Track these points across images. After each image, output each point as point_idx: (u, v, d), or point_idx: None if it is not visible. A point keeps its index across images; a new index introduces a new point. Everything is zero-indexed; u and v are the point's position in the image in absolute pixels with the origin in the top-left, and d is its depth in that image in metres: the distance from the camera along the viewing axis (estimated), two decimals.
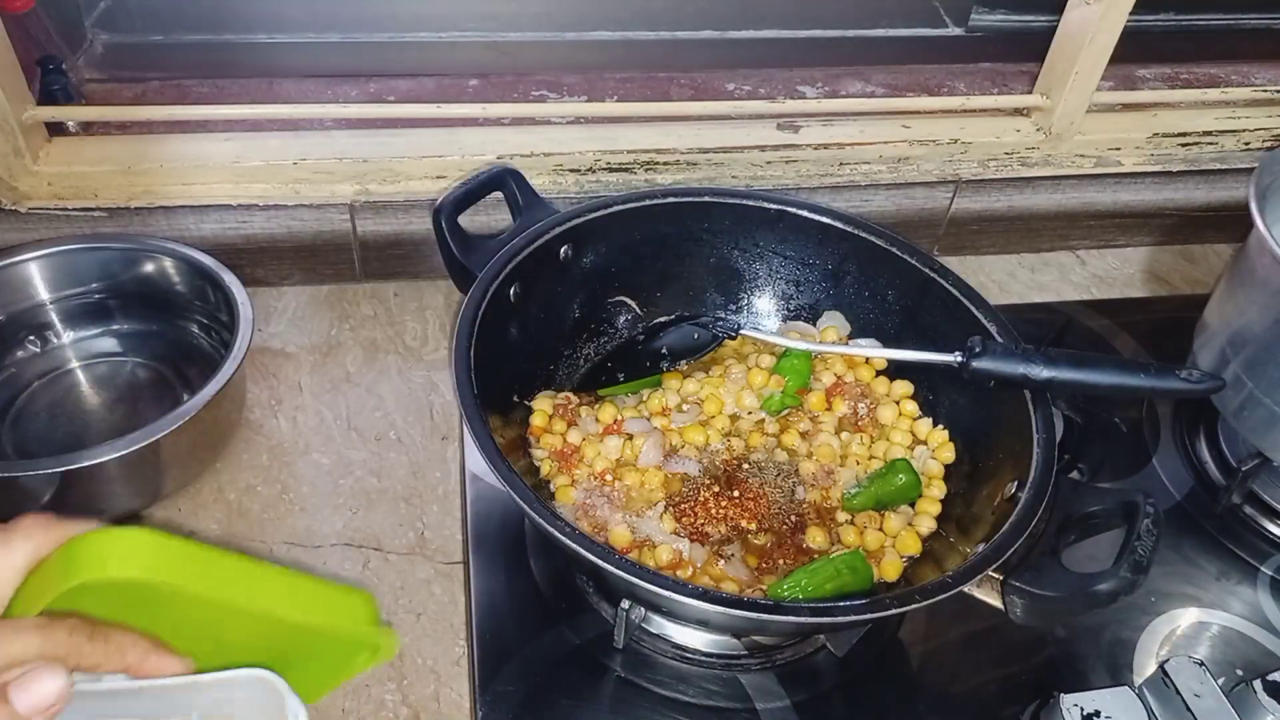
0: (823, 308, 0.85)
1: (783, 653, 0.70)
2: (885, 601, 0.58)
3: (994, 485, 0.69)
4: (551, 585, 0.72)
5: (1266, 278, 0.75)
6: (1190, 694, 0.62)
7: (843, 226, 0.81)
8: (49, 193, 0.85)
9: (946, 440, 0.77)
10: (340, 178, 0.89)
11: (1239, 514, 0.83)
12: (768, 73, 1.06)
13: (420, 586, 0.73)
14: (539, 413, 0.76)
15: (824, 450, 0.76)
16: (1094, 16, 0.90)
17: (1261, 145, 1.06)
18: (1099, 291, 1.06)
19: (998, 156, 1.00)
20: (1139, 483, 0.85)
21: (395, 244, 0.94)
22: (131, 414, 0.81)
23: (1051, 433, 0.67)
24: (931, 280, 0.78)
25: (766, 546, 0.71)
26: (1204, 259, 1.11)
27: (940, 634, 0.73)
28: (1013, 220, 1.06)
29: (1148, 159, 1.04)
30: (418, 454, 0.82)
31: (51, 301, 0.83)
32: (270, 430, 0.82)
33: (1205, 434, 0.88)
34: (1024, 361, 0.67)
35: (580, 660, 0.69)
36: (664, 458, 0.74)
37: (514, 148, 0.91)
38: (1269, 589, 0.78)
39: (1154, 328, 0.99)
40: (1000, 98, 1.01)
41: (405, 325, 0.93)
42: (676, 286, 0.85)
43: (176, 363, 0.84)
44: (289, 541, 0.75)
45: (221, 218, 0.89)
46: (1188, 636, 0.75)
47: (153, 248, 0.82)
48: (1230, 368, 0.78)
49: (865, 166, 0.98)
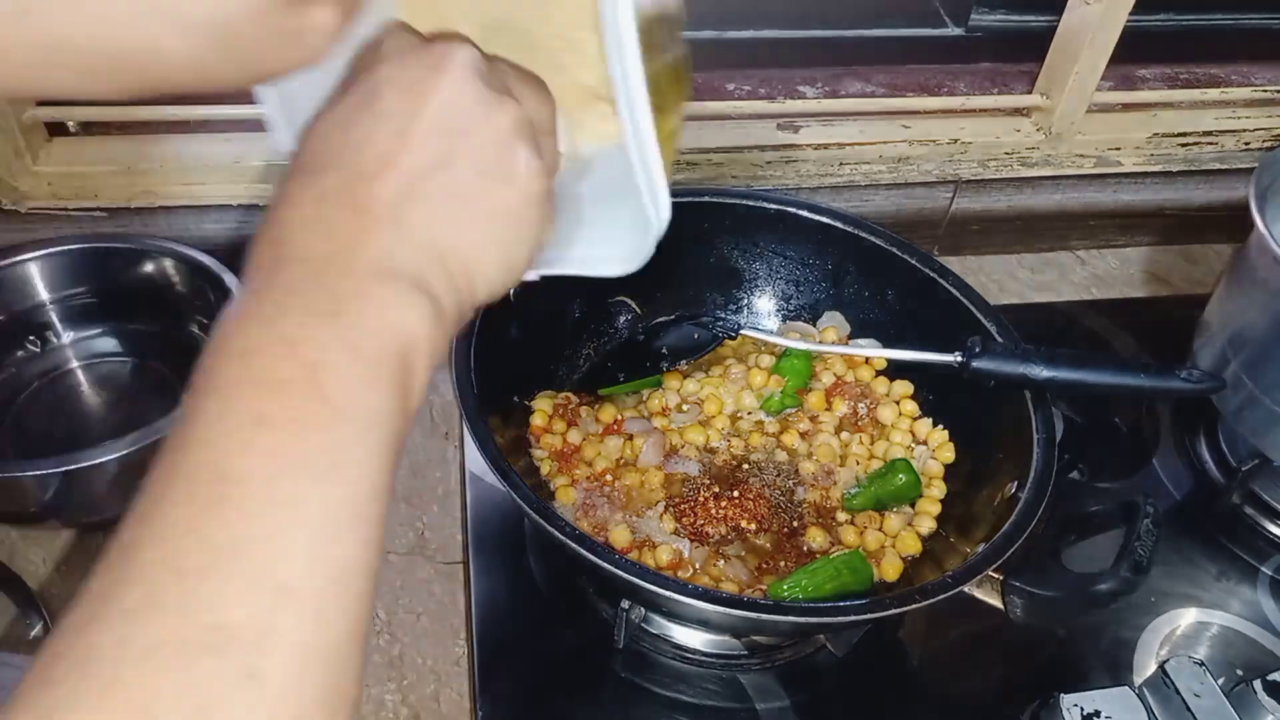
0: (823, 308, 0.85)
1: (783, 653, 0.70)
2: (885, 601, 0.59)
3: (994, 485, 0.69)
4: (551, 585, 0.72)
5: (1266, 278, 0.74)
6: (1190, 694, 0.62)
7: (843, 226, 0.81)
8: (49, 193, 0.85)
9: (946, 440, 0.77)
10: None
11: (1239, 514, 0.83)
12: (768, 73, 1.06)
13: (420, 586, 0.73)
14: (539, 413, 0.76)
15: (824, 450, 0.76)
16: (1094, 16, 0.90)
17: (1261, 145, 1.06)
18: (1099, 291, 1.06)
19: (998, 156, 1.00)
20: (1139, 483, 0.85)
21: None
22: (131, 414, 0.81)
23: (1051, 433, 0.67)
24: (931, 280, 0.78)
25: (766, 546, 0.71)
26: (1204, 259, 1.11)
27: (940, 634, 0.73)
28: (1013, 220, 1.06)
29: (1148, 159, 1.04)
30: (418, 454, 0.82)
31: (51, 301, 0.83)
32: None
33: (1205, 434, 0.88)
34: (1024, 361, 0.67)
35: (580, 660, 0.69)
36: (664, 458, 0.74)
37: None
38: (1269, 589, 0.78)
39: (1154, 328, 0.99)
40: (1000, 98, 1.01)
41: None
42: (676, 286, 0.85)
43: (176, 363, 0.84)
44: None
45: (221, 218, 0.88)
46: (1188, 636, 0.75)
47: (153, 248, 0.82)
48: (1230, 368, 0.78)
49: (865, 166, 0.98)
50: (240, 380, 0.31)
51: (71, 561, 0.72)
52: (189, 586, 0.27)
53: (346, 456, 0.31)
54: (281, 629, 0.28)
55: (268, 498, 0.29)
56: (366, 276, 0.34)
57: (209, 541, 0.28)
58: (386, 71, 0.36)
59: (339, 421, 0.31)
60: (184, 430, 0.30)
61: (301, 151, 0.37)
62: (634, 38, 0.38)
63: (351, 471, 0.31)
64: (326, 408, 0.31)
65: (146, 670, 0.26)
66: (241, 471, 0.29)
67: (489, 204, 0.37)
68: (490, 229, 0.38)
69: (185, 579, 0.28)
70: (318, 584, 0.29)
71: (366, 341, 0.33)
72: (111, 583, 0.28)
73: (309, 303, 0.33)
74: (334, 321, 0.32)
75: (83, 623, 0.27)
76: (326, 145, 0.36)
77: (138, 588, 0.28)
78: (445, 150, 0.36)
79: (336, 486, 0.31)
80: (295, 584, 0.29)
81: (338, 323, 0.32)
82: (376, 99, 0.36)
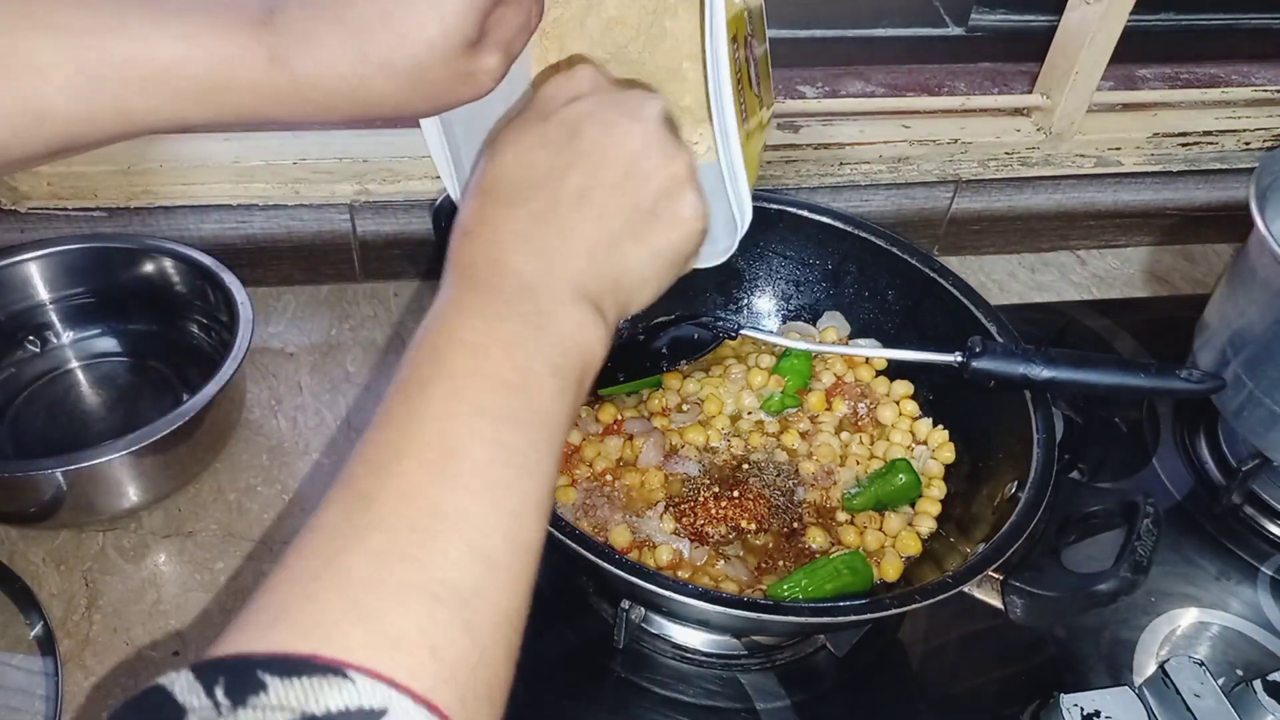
0: (823, 308, 0.85)
1: (783, 653, 0.70)
2: (885, 601, 0.58)
3: (994, 485, 0.69)
4: (551, 585, 0.72)
5: (1266, 278, 0.74)
6: (1190, 694, 0.62)
7: (843, 226, 0.81)
8: (49, 192, 0.85)
9: (946, 440, 0.77)
10: (340, 178, 0.89)
11: (1239, 514, 0.83)
12: None
13: None
14: None
15: (824, 450, 0.76)
16: (1094, 16, 0.90)
17: (1261, 145, 1.06)
18: (1099, 291, 1.06)
19: (998, 156, 1.00)
20: (1139, 483, 0.85)
21: (395, 244, 0.93)
22: (131, 414, 0.81)
23: (1051, 433, 0.67)
24: (931, 280, 0.78)
25: (766, 547, 0.71)
26: (1204, 259, 1.11)
27: (940, 634, 0.73)
28: (1013, 220, 1.06)
29: (1148, 159, 1.04)
30: None
31: (51, 301, 0.83)
32: (270, 430, 0.82)
33: (1205, 434, 0.88)
34: (1024, 361, 0.67)
35: (580, 660, 0.69)
36: (664, 458, 0.74)
37: None
38: (1269, 589, 0.78)
39: (1154, 328, 0.99)
40: (1000, 97, 1.01)
41: (405, 325, 0.93)
42: (676, 286, 0.84)
43: (176, 363, 0.84)
44: (289, 541, 0.74)
45: (221, 218, 0.89)
46: (1188, 636, 0.75)
47: (153, 248, 0.82)
48: (1230, 368, 0.78)
49: (865, 166, 0.98)
50: (468, 371, 0.37)
51: (71, 561, 0.72)
52: (421, 543, 0.32)
53: (540, 454, 0.37)
54: (488, 593, 0.33)
55: (484, 479, 0.35)
56: (565, 297, 0.40)
57: (438, 508, 0.33)
58: (588, 109, 0.43)
59: (539, 424, 0.37)
60: (416, 399, 0.36)
61: (501, 165, 0.43)
62: (728, 73, 0.45)
63: (543, 467, 0.37)
64: (532, 410, 0.37)
65: (394, 607, 0.31)
66: (465, 452, 0.35)
67: (658, 243, 0.44)
68: (655, 263, 0.44)
69: (419, 536, 0.32)
70: (513, 559, 0.34)
71: (562, 358, 0.39)
72: (359, 524, 0.33)
73: (523, 314, 0.39)
74: (540, 335, 0.39)
75: (334, 551, 0.32)
76: (532, 168, 0.42)
77: (382, 534, 0.32)
78: (631, 192, 0.42)
79: (532, 479, 0.36)
80: (499, 557, 0.34)
81: (542, 336, 0.39)
82: (579, 136, 0.42)
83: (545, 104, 0.44)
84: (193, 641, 0.69)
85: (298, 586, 0.31)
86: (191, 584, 0.72)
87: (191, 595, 0.71)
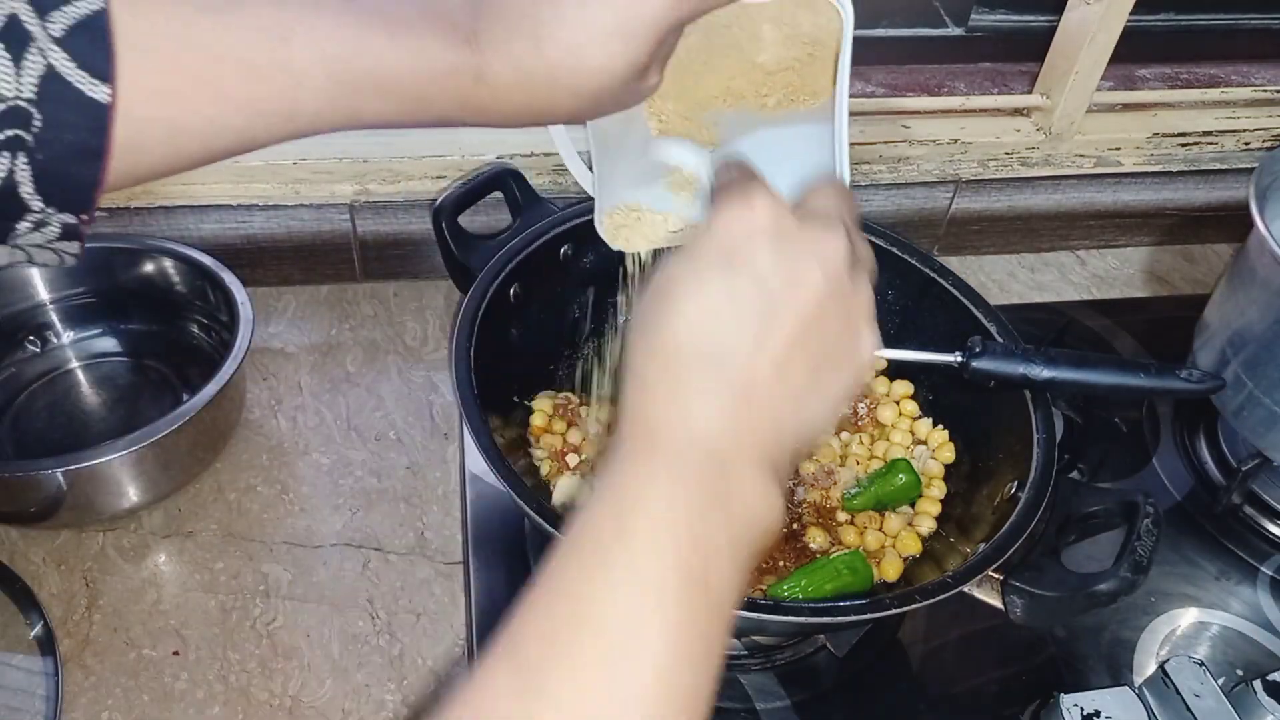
0: None
1: (783, 653, 0.70)
2: (885, 601, 0.58)
3: (994, 485, 0.69)
4: None
5: (1266, 278, 0.74)
6: (1190, 694, 0.62)
7: None
8: None
9: (946, 440, 0.77)
10: (340, 178, 0.89)
11: (1239, 514, 0.83)
12: None
13: (420, 586, 0.73)
14: (539, 413, 0.76)
15: (824, 450, 0.76)
16: (1094, 16, 0.90)
17: (1261, 145, 1.06)
18: (1099, 291, 1.06)
19: (998, 156, 1.00)
20: (1139, 483, 0.85)
21: (395, 244, 0.94)
22: (131, 414, 0.81)
23: (1051, 433, 0.67)
24: (931, 280, 0.78)
25: (766, 546, 0.70)
26: (1204, 259, 1.11)
27: (940, 634, 0.73)
28: (1013, 220, 1.06)
29: (1148, 159, 1.04)
30: (418, 454, 0.82)
31: (51, 301, 0.83)
32: (270, 430, 0.82)
33: (1205, 434, 0.88)
34: (1024, 361, 0.67)
35: None
36: None
37: (514, 148, 0.91)
38: (1269, 589, 0.78)
39: (1154, 328, 0.99)
40: (1000, 98, 1.01)
41: (405, 325, 0.93)
42: None
43: (176, 363, 0.84)
44: (289, 541, 0.75)
45: (221, 218, 0.89)
46: (1188, 636, 0.75)
47: (153, 247, 0.82)
48: (1230, 368, 0.78)
49: (865, 166, 0.98)
50: (651, 549, 0.35)
51: (71, 561, 0.72)
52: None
53: (712, 646, 0.36)
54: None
55: (657, 668, 0.34)
56: (751, 468, 0.39)
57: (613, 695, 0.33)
58: (771, 260, 0.40)
59: (714, 610, 0.36)
60: (594, 569, 0.35)
61: (685, 320, 0.40)
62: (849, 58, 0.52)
63: (712, 660, 0.36)
64: (709, 597, 0.36)
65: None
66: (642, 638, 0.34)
67: (835, 390, 0.43)
68: (832, 411, 0.43)
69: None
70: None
71: (741, 533, 0.38)
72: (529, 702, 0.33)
73: (711, 488, 0.37)
74: (725, 509, 0.37)
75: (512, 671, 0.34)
76: (719, 330, 0.40)
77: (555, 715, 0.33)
78: (815, 340, 0.41)
79: (702, 675, 0.35)
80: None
81: (728, 510, 0.37)
82: (764, 292, 0.40)
83: (723, 240, 0.41)
84: (193, 641, 0.69)
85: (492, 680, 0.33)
86: (191, 584, 0.72)
87: (191, 595, 0.71)
